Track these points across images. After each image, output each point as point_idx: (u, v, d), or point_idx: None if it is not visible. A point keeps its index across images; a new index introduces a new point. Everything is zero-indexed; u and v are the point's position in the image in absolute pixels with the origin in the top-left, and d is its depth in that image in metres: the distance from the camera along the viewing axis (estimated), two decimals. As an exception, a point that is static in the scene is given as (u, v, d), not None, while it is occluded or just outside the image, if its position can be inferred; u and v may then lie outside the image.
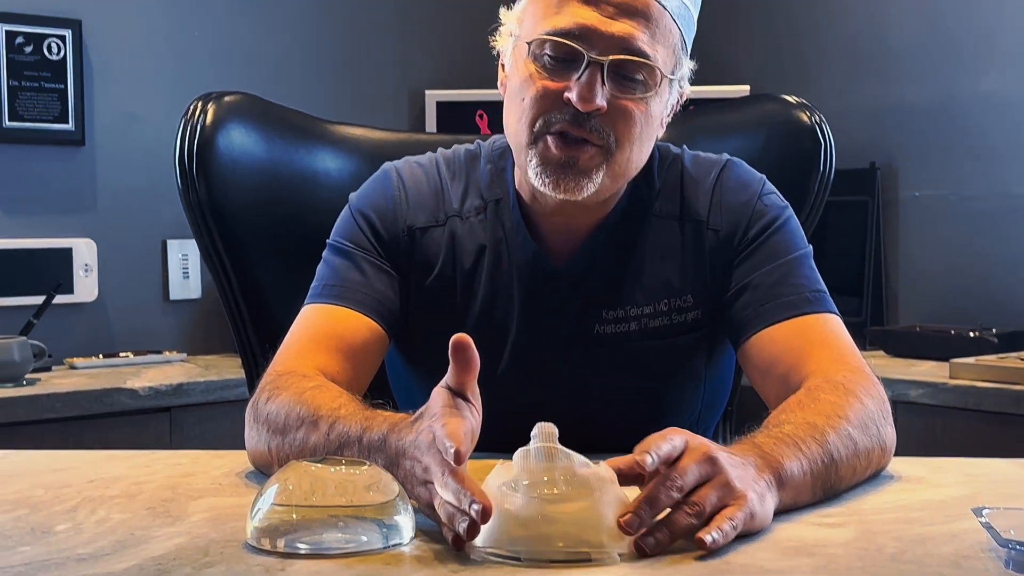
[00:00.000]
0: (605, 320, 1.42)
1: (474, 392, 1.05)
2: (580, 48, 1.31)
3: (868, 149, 3.31)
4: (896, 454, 1.30)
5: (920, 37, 3.25)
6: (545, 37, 1.33)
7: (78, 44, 3.07)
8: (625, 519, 0.96)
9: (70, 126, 3.07)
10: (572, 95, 1.31)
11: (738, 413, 1.81)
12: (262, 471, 1.30)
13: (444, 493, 0.97)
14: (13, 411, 2.44)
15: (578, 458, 0.98)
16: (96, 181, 3.13)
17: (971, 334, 2.90)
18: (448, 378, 1.05)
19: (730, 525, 0.98)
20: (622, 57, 1.32)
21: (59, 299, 2.95)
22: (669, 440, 1.02)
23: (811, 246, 1.46)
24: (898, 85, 3.29)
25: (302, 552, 0.97)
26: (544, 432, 0.99)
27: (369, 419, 1.15)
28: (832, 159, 1.79)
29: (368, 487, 1.01)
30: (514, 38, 1.40)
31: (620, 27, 1.31)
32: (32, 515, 1.12)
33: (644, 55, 1.32)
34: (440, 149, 1.53)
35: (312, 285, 1.45)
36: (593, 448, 1.26)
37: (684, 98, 1.44)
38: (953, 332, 2.96)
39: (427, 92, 3.53)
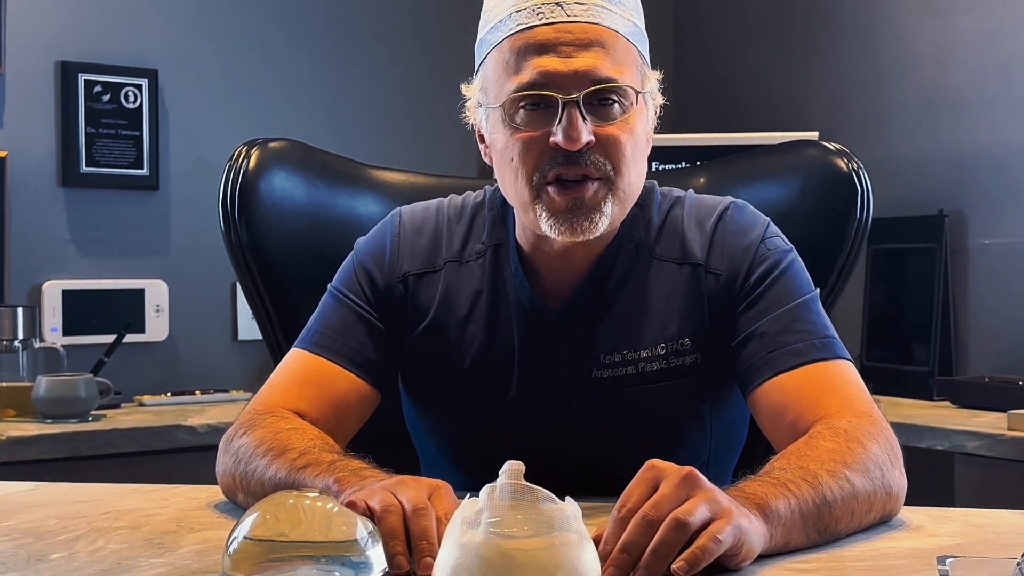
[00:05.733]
0: (603, 364, 1.43)
1: None
2: (552, 94, 1.34)
3: (937, 196, 3.27)
4: (955, 505, 1.28)
5: (989, 84, 3.20)
6: (515, 95, 1.36)
7: (154, 93, 3.18)
8: (607, 574, 0.98)
9: (145, 171, 3.17)
10: (558, 138, 1.34)
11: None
12: (230, 499, 1.34)
13: (383, 524, 1.03)
14: (76, 446, 2.52)
15: (544, 494, 0.99)
16: (169, 224, 3.23)
17: (1037, 385, 2.84)
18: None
19: (712, 541, 0.97)
20: (593, 88, 1.35)
21: (131, 338, 3.04)
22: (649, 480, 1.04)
23: (817, 289, 1.45)
24: (967, 132, 3.25)
25: (273, 584, 0.99)
26: (511, 469, 1.00)
27: (335, 465, 1.20)
28: (869, 206, 1.78)
29: (342, 523, 1.03)
30: (484, 108, 1.43)
31: (581, 62, 1.35)
32: (34, 544, 1.17)
33: (611, 80, 1.35)
34: (451, 195, 1.56)
35: (304, 327, 1.49)
36: (599, 491, 1.27)
37: (659, 109, 1.46)
38: (1021, 383, 2.89)
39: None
